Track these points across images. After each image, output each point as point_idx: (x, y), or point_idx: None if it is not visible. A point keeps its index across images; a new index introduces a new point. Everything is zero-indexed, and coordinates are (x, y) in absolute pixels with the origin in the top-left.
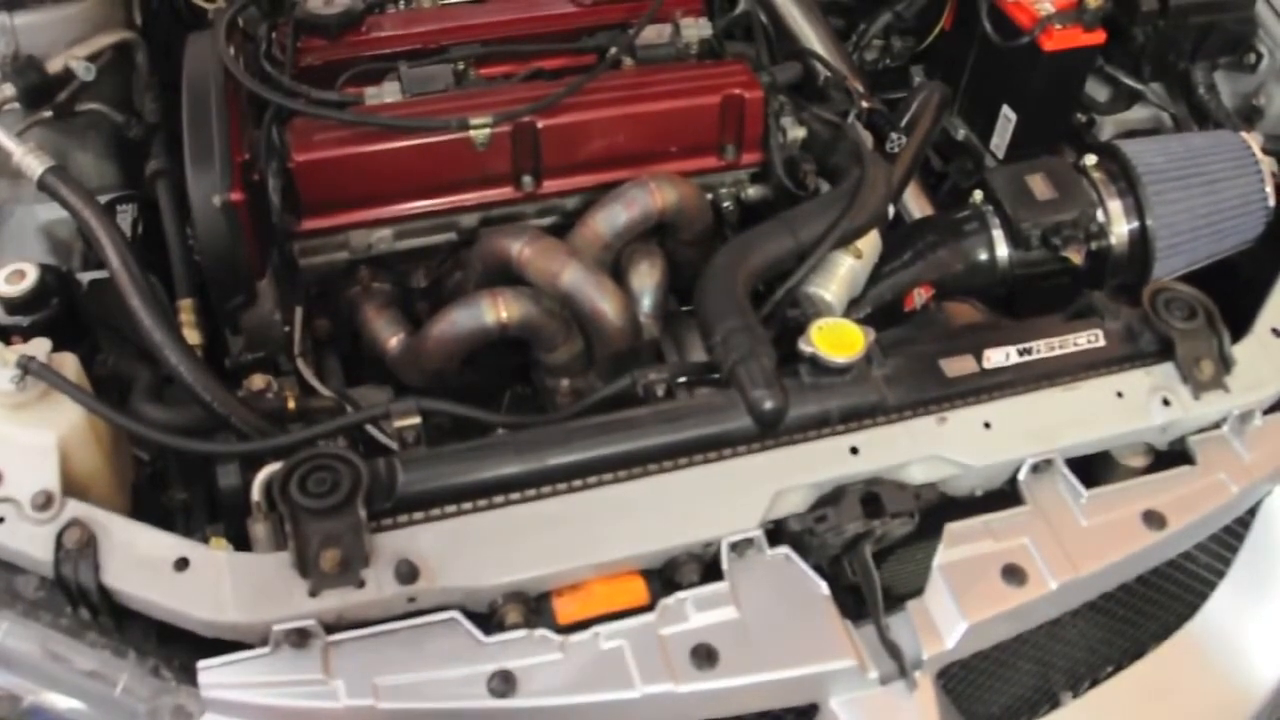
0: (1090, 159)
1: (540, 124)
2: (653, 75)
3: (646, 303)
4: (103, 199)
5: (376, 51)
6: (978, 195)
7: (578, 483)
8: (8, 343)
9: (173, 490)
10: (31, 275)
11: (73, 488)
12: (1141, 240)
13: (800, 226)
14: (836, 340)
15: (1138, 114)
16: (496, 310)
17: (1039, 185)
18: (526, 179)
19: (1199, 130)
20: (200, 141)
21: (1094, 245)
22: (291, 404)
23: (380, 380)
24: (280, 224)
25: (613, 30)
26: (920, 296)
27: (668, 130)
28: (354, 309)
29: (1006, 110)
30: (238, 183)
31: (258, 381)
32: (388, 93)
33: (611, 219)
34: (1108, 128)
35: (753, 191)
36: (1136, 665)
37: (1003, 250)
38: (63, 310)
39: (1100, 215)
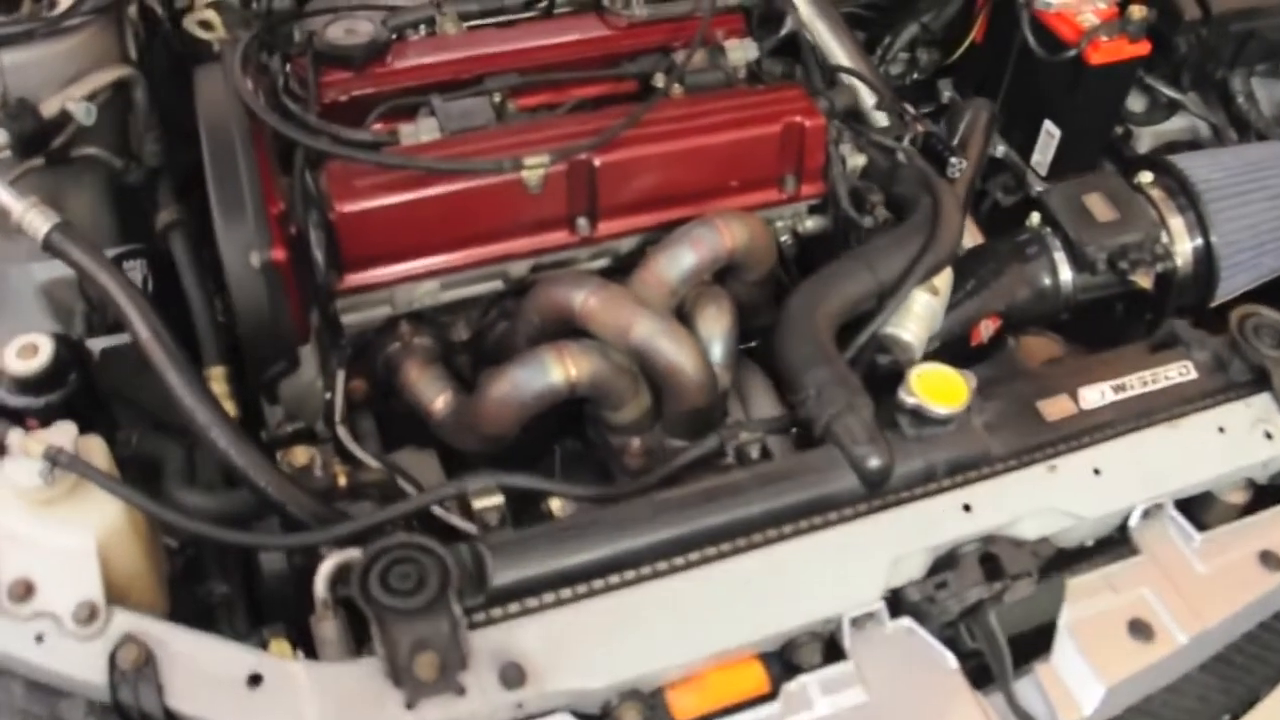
0: (1146, 176)
1: (597, 161)
2: (707, 104)
3: (717, 351)
4: (107, 254)
5: (406, 84)
6: (1035, 218)
7: (680, 560)
8: (22, 426)
9: (211, 583)
10: (46, 349)
11: (114, 592)
12: (1206, 259)
13: (879, 263)
14: (940, 389)
15: (1175, 124)
16: (564, 368)
17: (1098, 206)
18: (581, 221)
19: (1238, 139)
20: (229, 192)
21: (1160, 267)
22: (342, 480)
23: (418, 441)
24: (324, 282)
25: (654, 55)
26: (988, 329)
27: (728, 163)
28: (393, 367)
29: (1049, 126)
30: (278, 238)
31: (300, 456)
32: (424, 130)
33: (678, 262)
34: (1145, 139)
35: (810, 224)
36: (1251, 714)
37: (1066, 274)
38: (80, 386)
39: (1164, 235)
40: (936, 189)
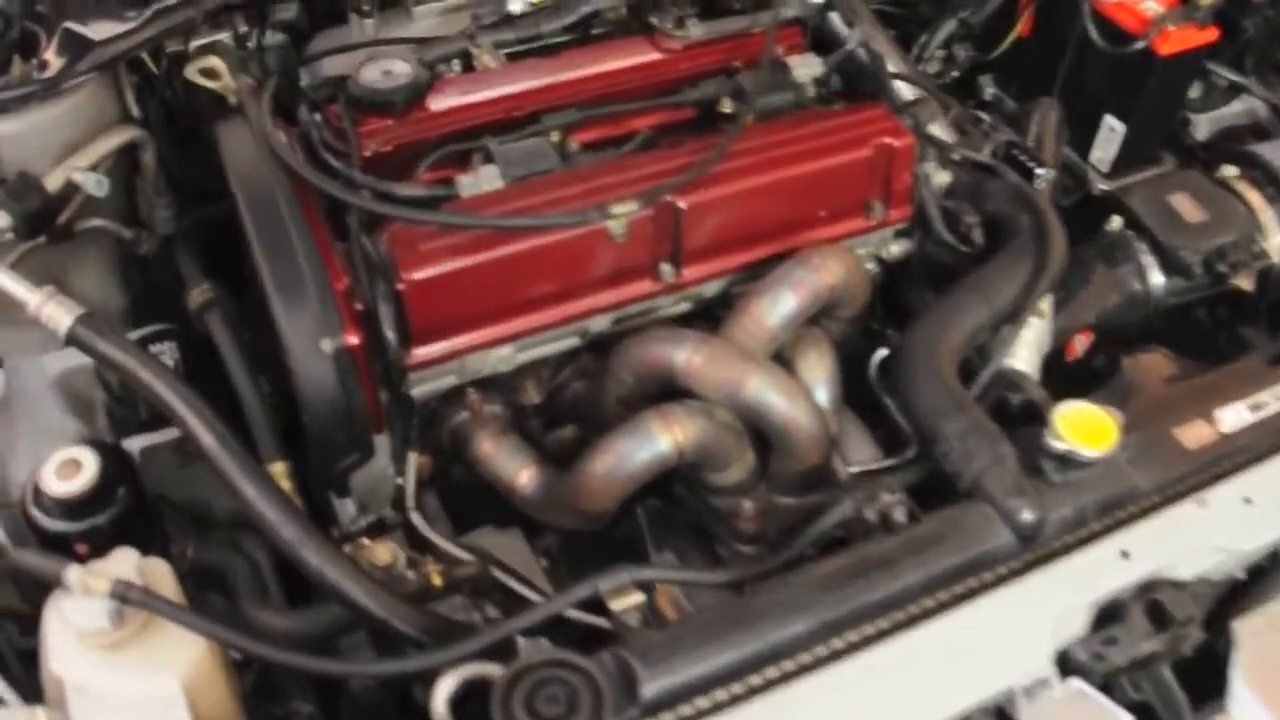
0: (1230, 170)
1: (682, 203)
2: (787, 130)
3: (823, 397)
4: (136, 334)
5: (454, 128)
6: (1116, 222)
7: (839, 643)
8: (70, 554)
9: (293, 703)
10: (89, 465)
11: None
12: None
13: (993, 292)
14: (1087, 430)
15: (1233, 108)
16: (672, 435)
17: (1185, 205)
18: (666, 268)
19: None
20: (285, 269)
21: (1258, 265)
22: (437, 580)
23: (483, 513)
24: (396, 360)
25: (716, 78)
26: (1081, 344)
27: (816, 193)
28: (463, 440)
29: (1111, 121)
30: (350, 321)
31: (383, 554)
32: (485, 179)
33: (778, 307)
34: (1202, 126)
35: (895, 249)
36: None
37: (1156, 279)
38: (131, 501)
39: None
40: (1038, 205)
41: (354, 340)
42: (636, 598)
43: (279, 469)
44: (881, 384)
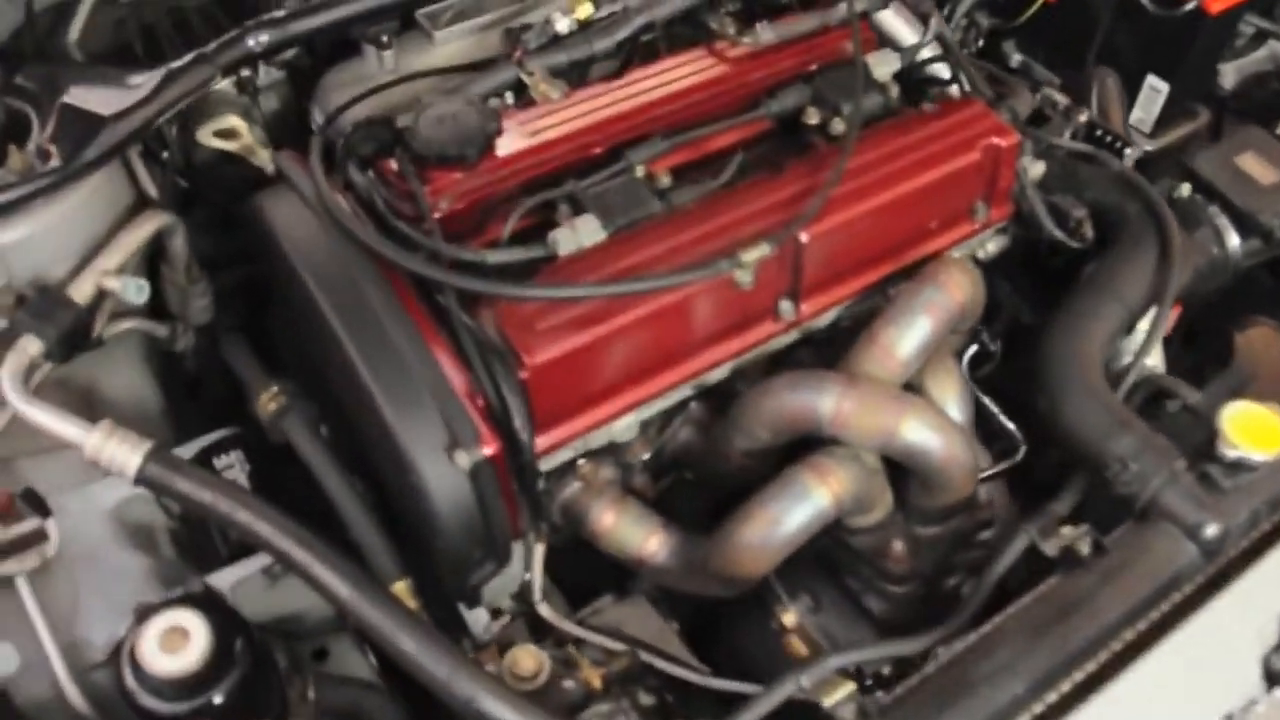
0: None
1: (804, 236)
2: (891, 140)
3: (956, 417)
4: (186, 450)
5: (531, 174)
6: (1185, 188)
7: (1054, 697)
8: None
9: None
10: (199, 634)
11: None
12: None
13: (1124, 291)
14: (1257, 432)
15: (1258, 55)
16: (828, 488)
17: (1255, 166)
18: (785, 305)
19: None
20: (393, 374)
21: None
22: (596, 683)
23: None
24: (529, 457)
25: (795, 86)
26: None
27: (930, 205)
28: (579, 514)
29: (1154, 81)
30: (488, 429)
31: (527, 663)
32: (584, 233)
33: (912, 334)
34: (1229, 75)
35: (992, 247)
36: None
37: (1233, 241)
38: (248, 660)
39: None
40: (1148, 192)
41: (493, 448)
42: (847, 687)
43: (402, 588)
44: (977, 383)
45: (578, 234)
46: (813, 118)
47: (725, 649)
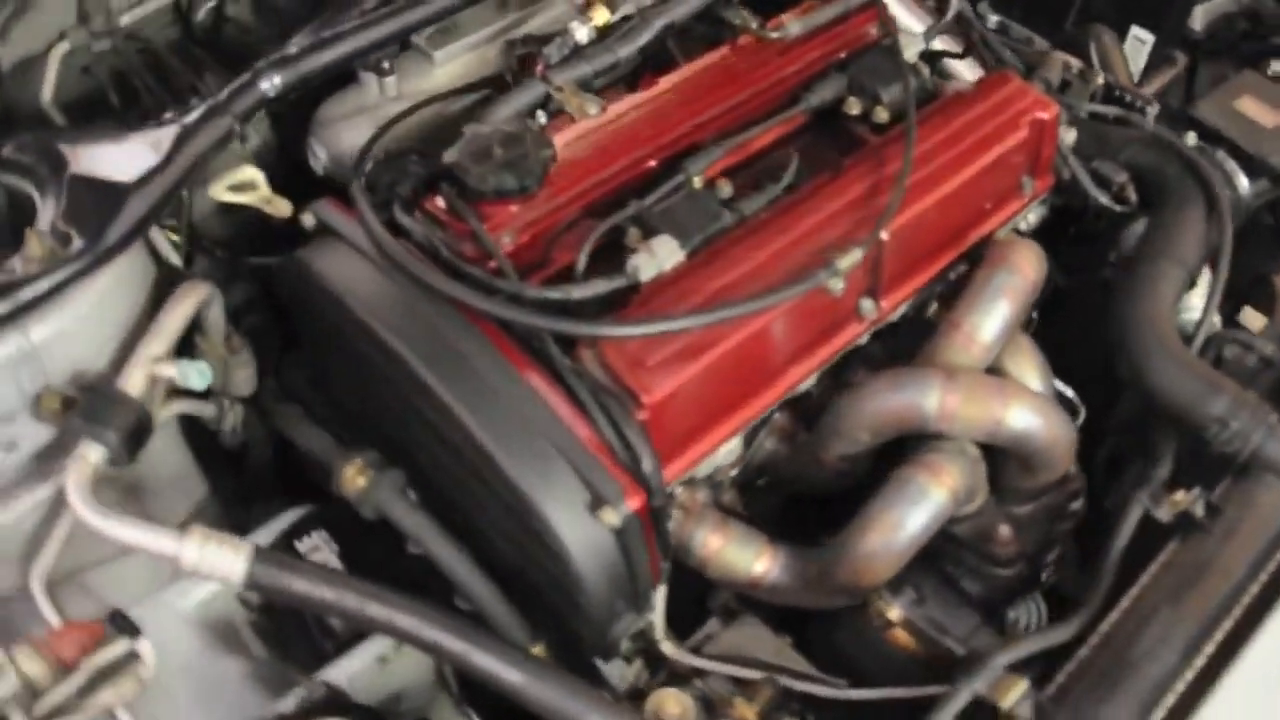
0: (1278, 65)
1: (884, 233)
2: (942, 125)
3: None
4: (262, 536)
5: (589, 199)
6: (1191, 137)
7: (1200, 661)
8: None
9: None
10: None
11: None
12: None
13: (1183, 252)
14: None
15: None
16: (943, 485)
17: (1255, 109)
18: (866, 305)
19: None
20: (516, 439)
21: None
22: (751, 716)
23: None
24: (661, 497)
25: (828, 77)
26: None
27: (987, 185)
28: (684, 544)
29: (1138, 32)
30: (630, 482)
31: (673, 708)
32: (664, 255)
33: (993, 319)
34: (1200, 16)
35: (1033, 218)
36: None
37: (1243, 184)
38: None
39: None
40: (1186, 151)
41: (639, 501)
42: (1021, 686)
43: (539, 652)
44: None
45: (657, 258)
46: (854, 108)
47: (822, 653)
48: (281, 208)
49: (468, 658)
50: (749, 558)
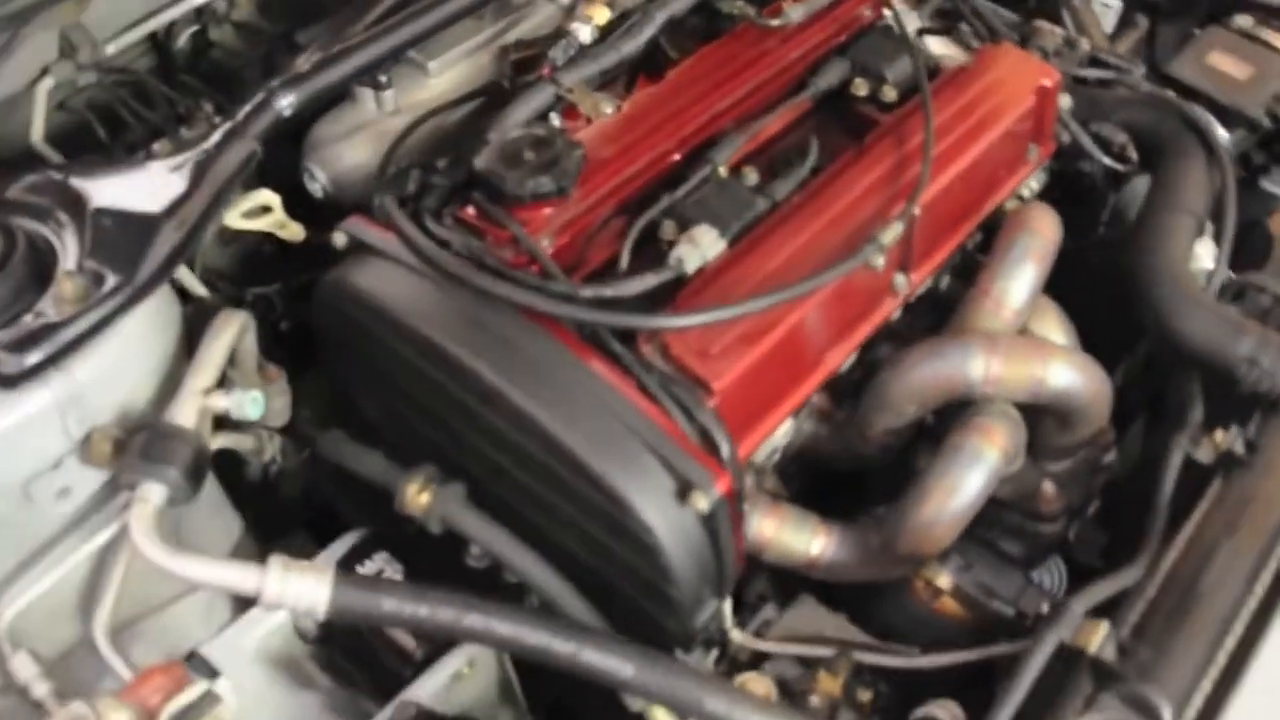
0: (1244, 20)
1: (915, 208)
2: (950, 98)
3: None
4: (331, 556)
5: (621, 197)
6: (1169, 94)
7: (1260, 589)
8: None
9: None
10: None
11: None
12: None
13: (1191, 202)
14: None
15: None
16: (995, 446)
17: (1227, 63)
18: (900, 279)
19: None
20: (592, 426)
21: None
22: (837, 691)
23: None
24: (740, 480)
25: (831, 61)
26: None
27: (1000, 155)
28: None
29: None
30: (716, 466)
31: (760, 689)
32: (706, 244)
33: (1020, 282)
34: None
35: (1035, 184)
36: None
37: (1222, 135)
38: None
39: None
40: (1181, 106)
41: (727, 484)
42: (1102, 628)
43: None
44: None
45: (700, 248)
46: (861, 89)
47: (870, 628)
48: (295, 232)
49: (575, 659)
50: (806, 538)
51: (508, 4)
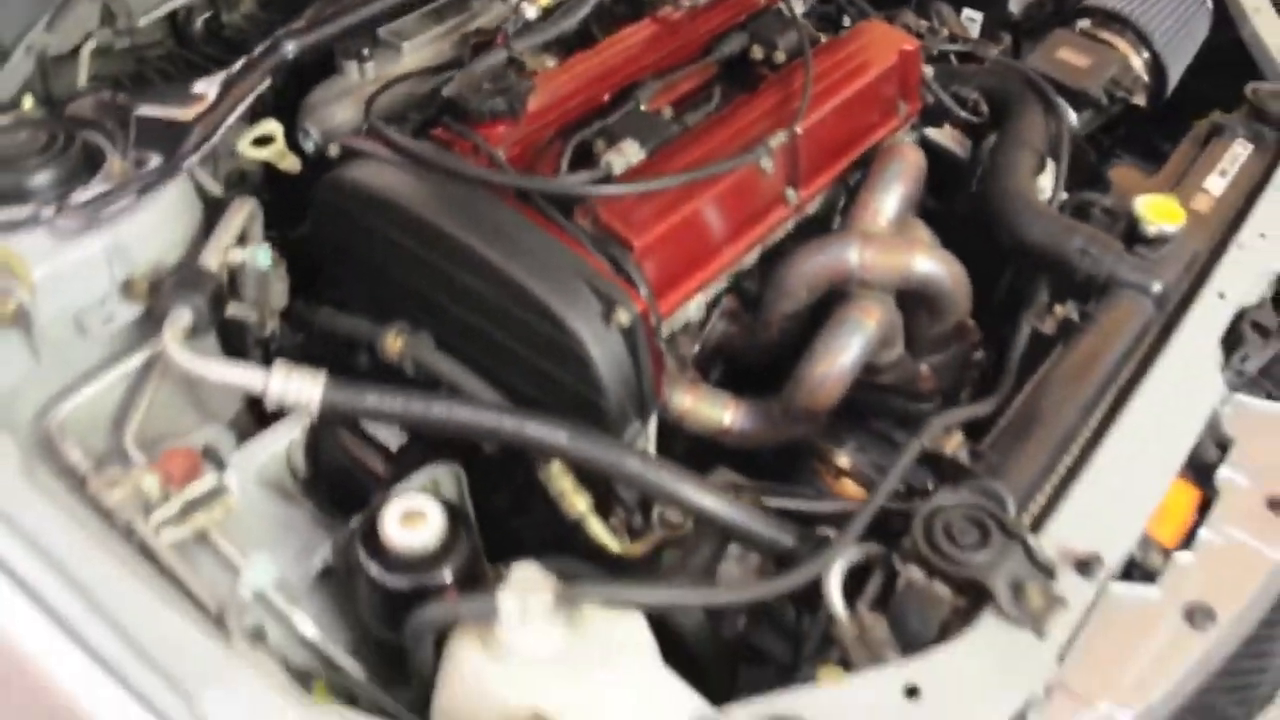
0: (1084, 22)
1: (799, 129)
2: (832, 57)
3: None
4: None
5: (562, 121)
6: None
7: (1094, 421)
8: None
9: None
10: (434, 516)
11: None
12: (1155, 63)
13: (1032, 140)
14: (1164, 211)
15: None
16: (872, 318)
17: (1071, 55)
18: (790, 192)
19: None
20: (535, 262)
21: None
22: None
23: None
24: (658, 323)
25: (732, 33)
26: None
27: (871, 102)
28: (660, 403)
29: (970, 12)
30: (630, 288)
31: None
32: (630, 152)
33: (893, 196)
34: (1015, 2)
35: (906, 139)
36: None
37: (1071, 116)
38: (470, 547)
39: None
40: (1021, 69)
41: (641, 306)
42: (958, 436)
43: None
44: None
45: (625, 155)
46: (758, 54)
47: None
48: (292, 164)
49: (522, 432)
50: (719, 411)
51: (467, 4)
